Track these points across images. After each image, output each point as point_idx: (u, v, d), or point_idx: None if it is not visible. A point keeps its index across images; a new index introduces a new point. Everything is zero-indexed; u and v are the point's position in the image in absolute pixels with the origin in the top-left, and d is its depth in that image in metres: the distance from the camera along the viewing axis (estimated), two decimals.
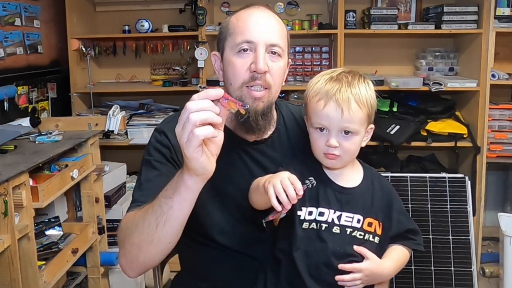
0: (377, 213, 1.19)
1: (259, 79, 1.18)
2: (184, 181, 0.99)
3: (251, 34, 1.18)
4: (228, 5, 3.26)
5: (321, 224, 1.14)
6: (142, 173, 1.23)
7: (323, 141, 1.16)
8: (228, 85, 1.22)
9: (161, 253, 1.09)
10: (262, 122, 1.22)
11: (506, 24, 2.82)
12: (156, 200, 1.04)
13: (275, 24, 1.23)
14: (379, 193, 1.22)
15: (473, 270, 2.32)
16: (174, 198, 1.01)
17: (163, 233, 1.03)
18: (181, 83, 3.14)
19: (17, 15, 2.70)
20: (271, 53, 1.20)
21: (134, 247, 1.08)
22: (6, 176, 1.69)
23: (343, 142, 1.15)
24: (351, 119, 1.14)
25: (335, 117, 1.13)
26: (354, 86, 1.15)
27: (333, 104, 1.13)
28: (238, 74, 1.19)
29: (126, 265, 1.12)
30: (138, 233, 1.06)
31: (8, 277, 1.73)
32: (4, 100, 2.48)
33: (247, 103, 1.18)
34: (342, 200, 1.17)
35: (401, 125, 2.91)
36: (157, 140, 1.26)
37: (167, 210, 1.01)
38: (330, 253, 1.13)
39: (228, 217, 1.25)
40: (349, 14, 2.94)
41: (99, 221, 2.45)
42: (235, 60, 1.20)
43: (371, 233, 1.17)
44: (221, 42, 1.25)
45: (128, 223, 1.11)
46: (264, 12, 1.23)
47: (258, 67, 1.16)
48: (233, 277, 1.27)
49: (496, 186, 3.34)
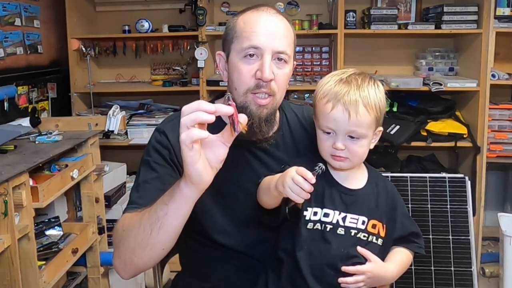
0: (381, 215, 1.19)
1: (264, 87, 1.17)
2: (180, 188, 0.98)
3: (258, 40, 1.16)
4: (228, 5, 3.26)
5: (326, 225, 1.14)
6: (141, 173, 1.23)
7: (330, 143, 1.15)
8: (233, 90, 1.21)
9: (154, 258, 1.09)
10: (265, 128, 1.22)
11: (506, 24, 2.82)
12: (154, 205, 1.04)
13: (283, 30, 1.21)
14: (384, 195, 1.22)
15: (473, 270, 2.32)
16: (169, 205, 1.00)
17: (157, 239, 1.03)
18: (181, 83, 3.14)
19: (17, 15, 2.70)
20: (277, 60, 1.19)
21: (128, 251, 1.08)
22: (6, 176, 1.68)
23: (350, 145, 1.14)
24: (358, 123, 1.12)
25: (342, 120, 1.12)
26: (363, 89, 1.13)
27: (340, 107, 1.12)
28: (243, 80, 1.18)
29: (120, 267, 1.13)
30: (133, 237, 1.06)
31: (8, 277, 1.73)
32: (4, 100, 2.48)
33: (251, 109, 1.18)
34: (347, 201, 1.16)
35: (401, 125, 2.91)
36: (157, 140, 1.25)
37: (162, 216, 1.01)
38: (334, 254, 1.13)
39: (231, 217, 1.25)
40: (349, 14, 2.94)
41: (99, 221, 2.45)
42: (240, 65, 1.18)
43: (374, 235, 1.17)
44: (227, 43, 1.23)
45: (124, 226, 1.11)
46: (272, 16, 1.21)
47: (264, 75, 1.15)
48: (234, 277, 1.26)
49: (496, 186, 3.34)
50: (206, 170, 0.95)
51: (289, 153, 1.29)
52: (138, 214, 1.09)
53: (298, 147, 1.31)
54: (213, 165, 0.97)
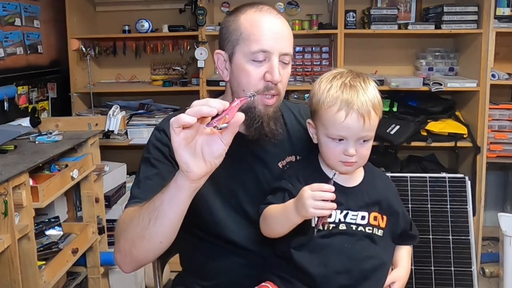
0: (380, 207, 1.20)
1: (273, 89, 1.20)
2: (175, 177, 1.00)
3: (267, 44, 1.19)
4: (228, 5, 3.26)
5: (329, 224, 1.14)
6: (141, 170, 1.24)
7: (340, 150, 1.14)
8: (240, 91, 1.22)
9: (153, 251, 1.09)
10: (274, 126, 1.24)
11: (506, 24, 2.82)
12: (152, 198, 1.06)
13: (287, 32, 1.24)
14: (381, 188, 1.24)
15: (473, 270, 2.32)
16: (164, 194, 1.02)
17: (154, 229, 1.04)
18: (181, 83, 3.14)
19: (17, 15, 2.70)
20: (283, 61, 1.22)
21: (128, 242, 1.09)
22: (6, 176, 1.68)
23: (360, 149, 1.15)
24: (370, 128, 1.13)
25: (356, 127, 1.12)
26: (369, 91, 1.14)
27: (355, 115, 1.11)
28: (252, 82, 1.20)
29: (121, 260, 1.14)
30: (132, 228, 1.08)
31: (8, 277, 1.73)
32: (4, 100, 2.48)
33: (259, 109, 1.21)
34: (347, 200, 1.17)
35: (401, 125, 2.91)
36: (156, 138, 1.26)
37: (159, 205, 1.02)
38: (337, 251, 1.13)
39: (230, 212, 1.25)
40: (349, 14, 2.94)
41: (99, 221, 2.45)
42: (248, 67, 1.20)
43: (376, 226, 1.18)
44: (231, 44, 1.24)
45: (126, 219, 1.13)
46: (276, 18, 1.23)
47: (274, 78, 1.18)
48: (236, 273, 1.26)
49: (496, 186, 3.34)
50: (196, 161, 0.96)
51: (285, 150, 1.31)
52: (139, 207, 1.10)
53: (294, 145, 1.33)
54: (207, 158, 0.97)
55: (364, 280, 1.14)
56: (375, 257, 1.17)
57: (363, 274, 1.14)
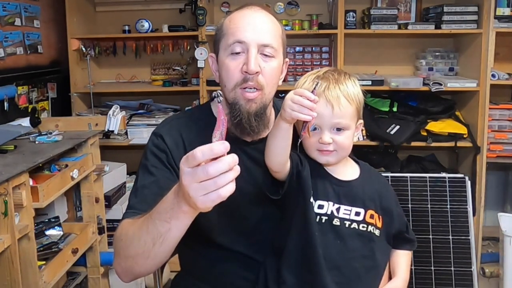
0: (376, 206, 1.21)
1: (251, 80, 1.18)
2: (180, 207, 0.94)
3: (242, 34, 1.18)
4: (228, 5, 3.26)
5: (321, 217, 1.16)
6: (139, 178, 1.23)
7: (316, 139, 1.17)
8: (223, 87, 1.22)
9: (157, 265, 1.09)
10: (255, 124, 1.21)
11: (506, 24, 2.82)
12: (151, 220, 1.00)
13: (268, 24, 1.22)
14: (377, 186, 1.25)
15: (473, 270, 2.32)
16: (171, 222, 0.97)
17: (161, 249, 1.02)
18: (181, 83, 3.14)
19: (17, 15, 2.70)
20: (264, 53, 1.19)
21: (129, 260, 1.08)
22: (6, 176, 1.68)
23: (336, 137, 1.17)
24: (342, 115, 1.16)
25: (326, 114, 1.15)
26: (341, 83, 1.18)
27: (323, 102, 1.15)
28: (231, 76, 1.19)
29: (122, 273, 1.14)
30: (133, 249, 1.05)
31: (8, 277, 1.73)
32: (4, 100, 2.48)
33: (240, 104, 1.19)
34: (340, 193, 1.18)
35: (401, 125, 2.91)
36: (154, 144, 1.25)
37: (165, 232, 0.98)
38: (331, 246, 1.14)
39: (228, 217, 1.24)
40: (349, 14, 2.94)
41: (99, 221, 2.45)
42: (228, 61, 1.20)
43: (372, 225, 1.18)
44: (216, 44, 1.26)
45: (123, 235, 1.10)
46: (257, 12, 1.23)
47: (249, 68, 1.16)
48: (234, 277, 1.26)
49: (496, 186, 3.34)
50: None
51: None
52: (136, 221, 1.08)
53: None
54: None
55: (357, 280, 1.14)
56: (369, 258, 1.17)
57: (355, 273, 1.14)
